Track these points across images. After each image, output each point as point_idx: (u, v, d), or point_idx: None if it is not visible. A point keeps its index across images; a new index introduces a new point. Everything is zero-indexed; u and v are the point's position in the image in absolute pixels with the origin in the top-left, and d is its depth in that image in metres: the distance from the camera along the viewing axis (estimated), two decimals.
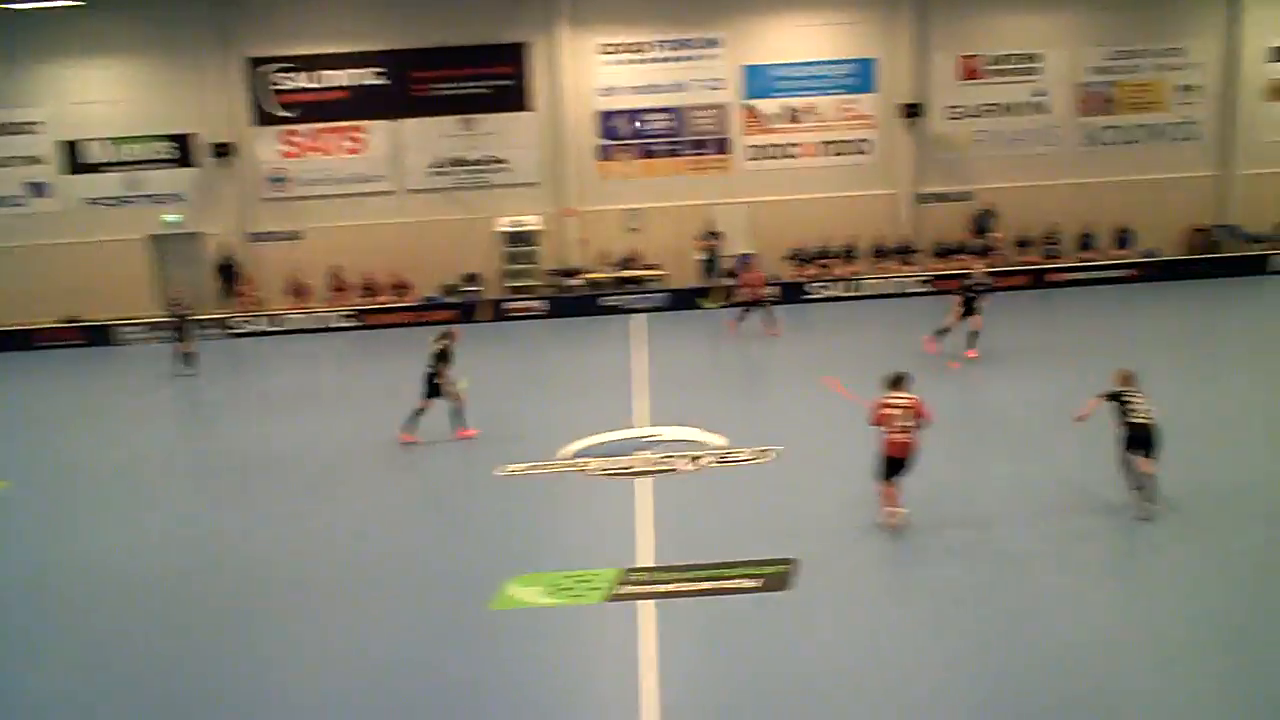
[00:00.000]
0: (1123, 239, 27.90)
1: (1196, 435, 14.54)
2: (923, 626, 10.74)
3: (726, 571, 11.94)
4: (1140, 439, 12.30)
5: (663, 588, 11.65)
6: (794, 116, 27.63)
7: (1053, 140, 27.92)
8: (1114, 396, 12.59)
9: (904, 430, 12.25)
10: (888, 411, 12.35)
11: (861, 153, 27.81)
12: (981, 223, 27.65)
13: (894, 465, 12.41)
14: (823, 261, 27.40)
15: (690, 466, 15.42)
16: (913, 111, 27.06)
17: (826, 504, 13.87)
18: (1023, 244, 27.66)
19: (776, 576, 11.74)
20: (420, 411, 16.85)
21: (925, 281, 26.77)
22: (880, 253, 27.53)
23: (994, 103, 27.75)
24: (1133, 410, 12.40)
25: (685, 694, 9.62)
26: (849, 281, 27.03)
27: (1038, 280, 26.92)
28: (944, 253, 27.48)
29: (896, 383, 12.50)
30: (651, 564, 12.31)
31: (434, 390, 16.73)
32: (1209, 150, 28.21)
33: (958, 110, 27.65)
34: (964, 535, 12.85)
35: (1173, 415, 13.22)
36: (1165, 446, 12.44)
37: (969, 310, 19.87)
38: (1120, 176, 27.94)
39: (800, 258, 27.42)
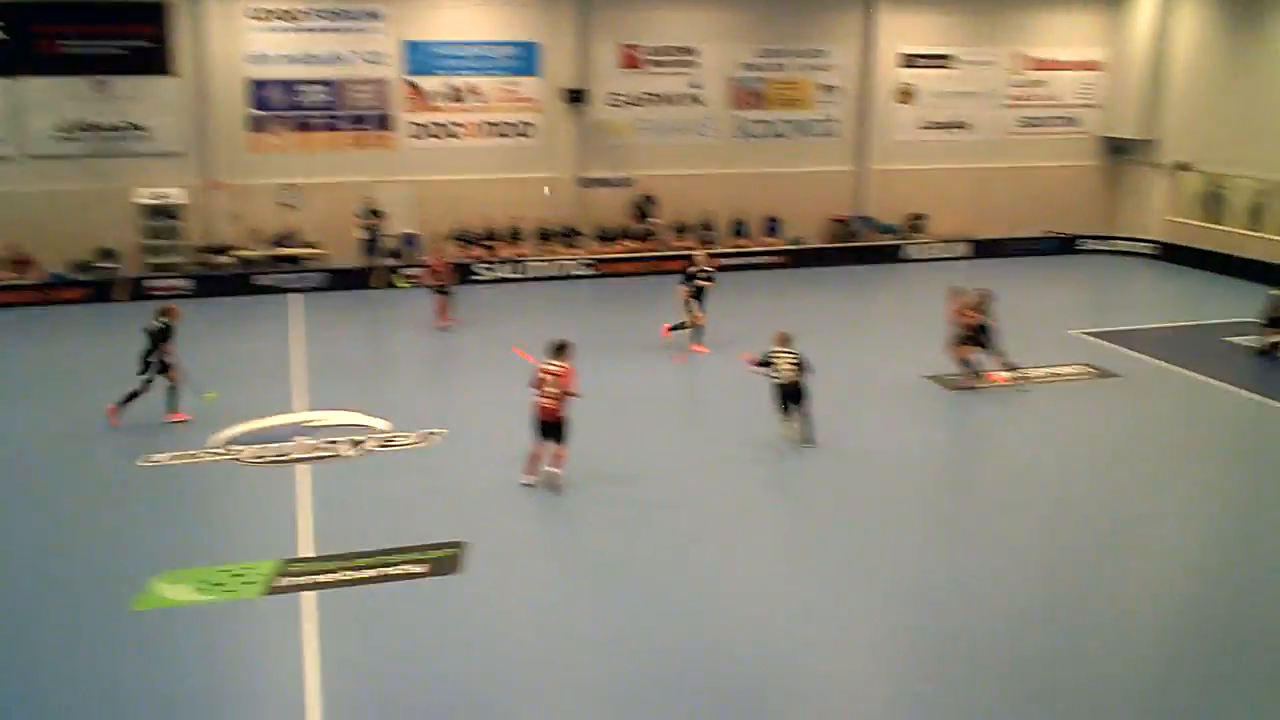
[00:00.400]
0: (771, 227, 29.80)
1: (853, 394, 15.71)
2: (592, 597, 11.22)
3: (393, 558, 11.87)
4: (788, 393, 15.38)
5: (325, 578, 11.41)
6: (457, 96, 27.52)
7: (708, 131, 29.42)
8: (767, 358, 15.56)
9: (550, 396, 13.42)
10: (541, 376, 13.59)
11: (525, 135, 28.10)
12: (642, 208, 28.68)
13: (542, 428, 13.58)
14: (488, 243, 27.47)
15: (352, 452, 15.16)
16: (575, 97, 27.70)
17: (494, 485, 14.09)
18: (680, 229, 28.92)
19: (445, 560, 11.81)
20: (136, 394, 15.91)
21: (588, 264, 27.44)
22: (545, 235, 27.96)
23: (653, 92, 28.84)
24: (778, 369, 15.40)
25: (350, 685, 9.55)
26: (515, 263, 27.25)
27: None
28: (606, 237, 28.28)
29: (557, 350, 13.70)
30: (312, 554, 12.03)
31: (154, 369, 15.96)
32: (847, 147, 30.68)
33: (619, 98, 28.52)
34: (629, 509, 13.40)
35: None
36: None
37: (695, 297, 20.49)
38: (769, 168, 29.97)
39: (465, 239, 27.36)
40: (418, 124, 27.57)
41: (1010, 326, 18.96)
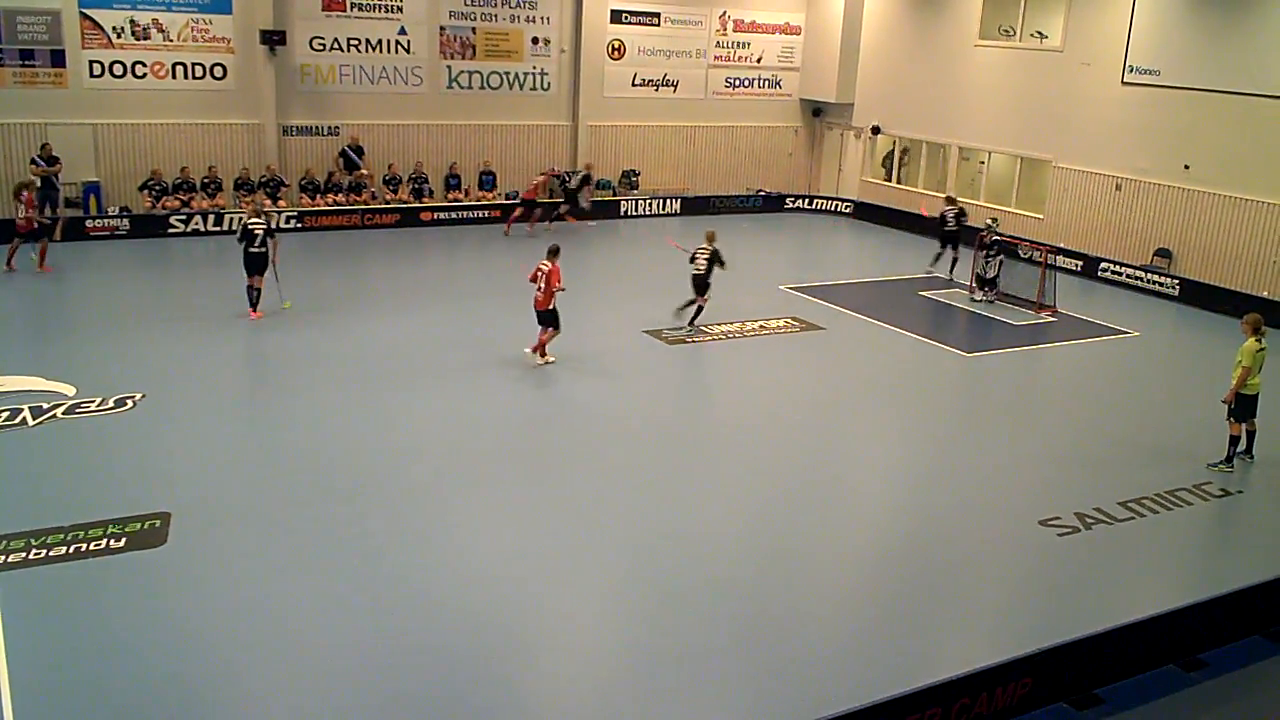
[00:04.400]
0: (486, 180, 29.53)
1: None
2: (309, 566, 10.82)
3: (86, 533, 11.01)
4: (696, 282, 19.29)
5: (7, 558, 10.45)
6: (142, 33, 25.47)
7: (416, 80, 28.73)
8: (693, 252, 19.43)
9: (541, 290, 16.60)
10: (536, 272, 16.80)
11: (218, 79, 26.44)
12: (349, 159, 27.73)
13: (538, 316, 16.80)
14: (183, 194, 25.78)
15: (35, 421, 13.91)
16: (273, 39, 26.27)
17: (199, 450, 13.39)
18: (391, 182, 28.21)
19: (146, 533, 11.07)
20: None
21: (293, 217, 26.29)
22: (245, 185, 26.48)
23: (358, 38, 27.80)
24: (694, 262, 19.33)
25: (40, 671, 8.78)
26: (212, 215, 25.71)
27: (407, 218, 27.65)
28: (312, 189, 27.16)
29: (551, 253, 16.89)
30: None
31: None
32: (560, 101, 30.76)
33: (322, 42, 27.33)
34: (346, 472, 13.04)
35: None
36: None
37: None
38: (483, 121, 29.64)
39: (158, 188, 25.54)
40: (98, 62, 25.39)
41: (723, 281, 19.65)
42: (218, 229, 25.70)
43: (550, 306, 16.78)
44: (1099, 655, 9.30)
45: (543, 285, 16.67)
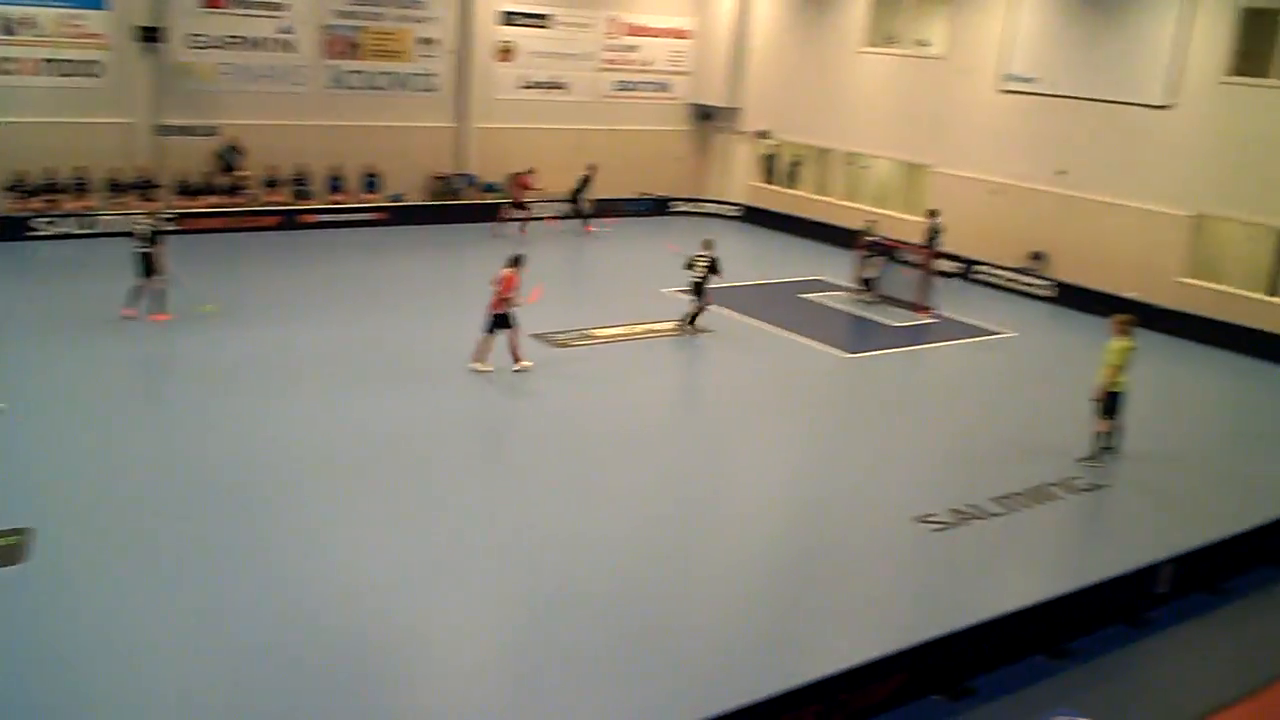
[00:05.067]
0: (370, 182, 29.17)
1: None
2: (179, 581, 10.56)
3: None
4: (693, 287, 20.18)
5: None
6: (9, 28, 24.56)
7: (300, 80, 28.26)
8: (690, 260, 20.34)
9: (496, 295, 16.82)
10: (495, 278, 16.99)
11: (92, 75, 25.64)
12: (228, 159, 27.13)
13: (492, 320, 16.91)
14: (50, 195, 24.92)
15: None
16: (150, 36, 25.57)
17: (64, 461, 12.92)
18: (272, 183, 27.69)
19: (6, 550, 10.66)
20: None
21: (169, 219, 25.57)
22: (116, 187, 25.72)
23: (239, 36, 27.23)
24: (693, 268, 20.23)
25: None
26: (81, 217, 24.90)
27: (288, 221, 27.16)
28: (188, 190, 26.51)
29: (511, 261, 17.18)
30: None
31: None
32: (448, 103, 30.54)
33: (201, 40, 26.69)
34: (218, 487, 12.78)
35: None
36: None
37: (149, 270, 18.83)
38: (367, 121, 29.23)
39: (23, 189, 24.65)
40: None
41: (611, 284, 19.72)
42: (84, 232, 24.89)
43: (503, 311, 16.94)
44: (971, 647, 9.58)
45: (497, 291, 16.96)
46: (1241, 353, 21.51)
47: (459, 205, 30.29)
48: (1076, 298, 24.40)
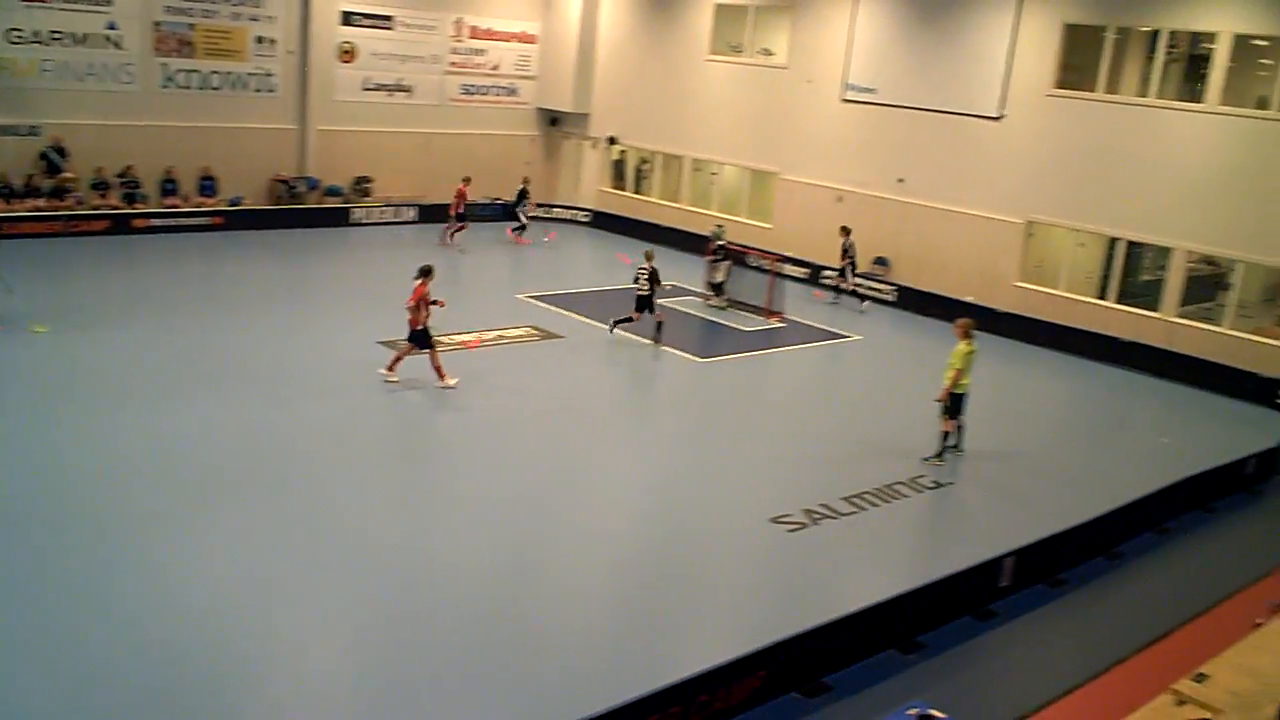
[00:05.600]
0: (207, 186, 28.21)
1: None
2: (12, 602, 10.01)
3: None
4: (640, 301, 20.40)
5: None
6: None
7: (128, 78, 27.07)
8: (636, 273, 20.65)
9: (409, 309, 16.55)
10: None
11: None
12: (51, 161, 25.85)
13: (410, 334, 16.71)
14: None
15: None
16: None
17: None
18: (100, 186, 26.49)
19: None
20: None
21: None
22: None
23: (63, 31, 25.96)
24: (637, 281, 20.48)
25: None
26: None
27: (119, 226, 26.05)
28: (9, 193, 25.15)
29: (420, 273, 16.74)
30: None
31: None
32: (288, 104, 29.76)
33: (20, 35, 25.36)
34: (44, 501, 12.20)
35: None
36: None
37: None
38: (202, 122, 28.24)
39: None
40: None
41: (461, 290, 19.50)
42: None
43: (420, 326, 16.58)
44: (827, 644, 9.79)
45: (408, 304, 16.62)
46: (1075, 354, 22.60)
47: (301, 209, 29.54)
48: (918, 302, 25.26)
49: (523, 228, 30.09)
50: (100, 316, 19.26)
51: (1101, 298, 23.88)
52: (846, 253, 25.27)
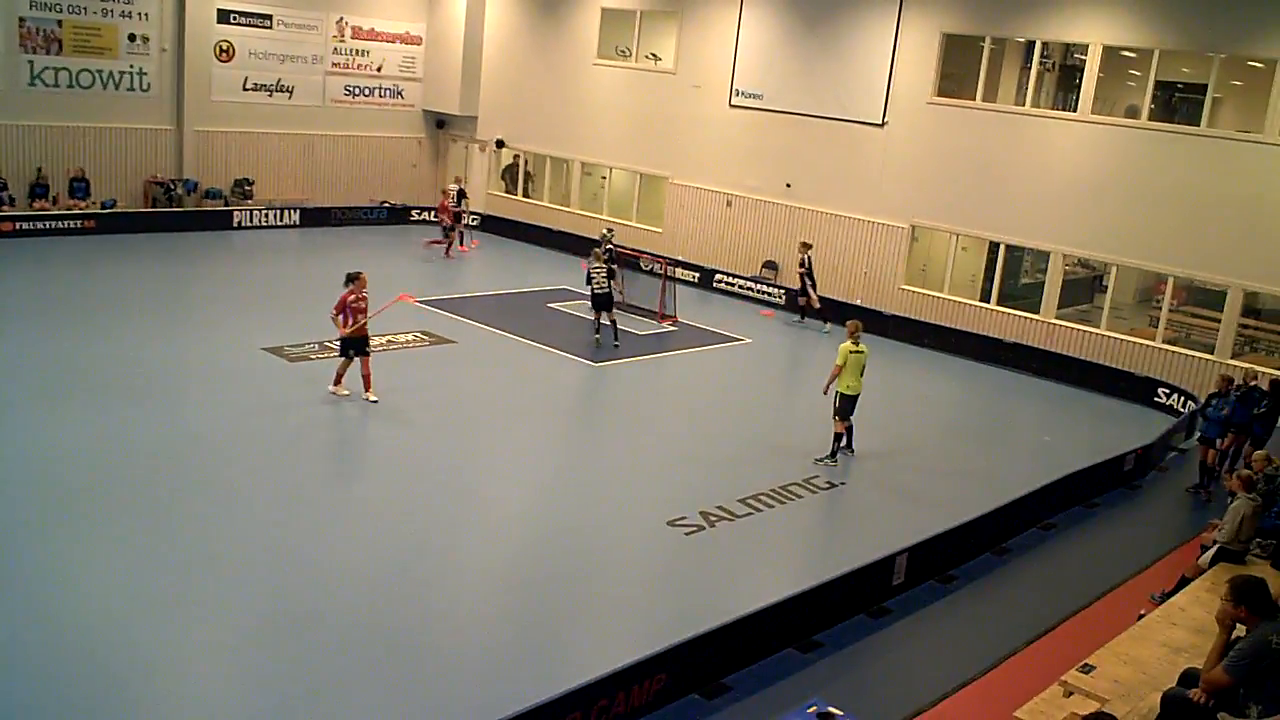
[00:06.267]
0: (78, 188, 27.25)
1: None
2: None
3: None
4: (598, 300, 20.74)
5: None
6: None
7: None
8: (588, 274, 20.72)
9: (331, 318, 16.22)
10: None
11: None
12: None
13: (340, 343, 16.38)
14: None
15: None
16: None
17: None
18: None
19: None
20: None
21: None
22: None
23: None
24: (592, 279, 20.68)
25: None
26: None
27: None
28: None
29: (346, 280, 16.25)
30: None
31: None
32: (163, 104, 28.93)
33: None
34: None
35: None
36: None
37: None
38: (72, 122, 27.23)
39: None
40: None
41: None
42: None
43: (348, 334, 16.12)
44: (726, 645, 9.85)
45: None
46: (960, 355, 23.18)
47: (179, 212, 28.74)
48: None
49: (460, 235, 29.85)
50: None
51: (985, 300, 24.55)
52: (806, 270, 24.47)
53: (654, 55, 30.29)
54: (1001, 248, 24.28)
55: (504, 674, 9.74)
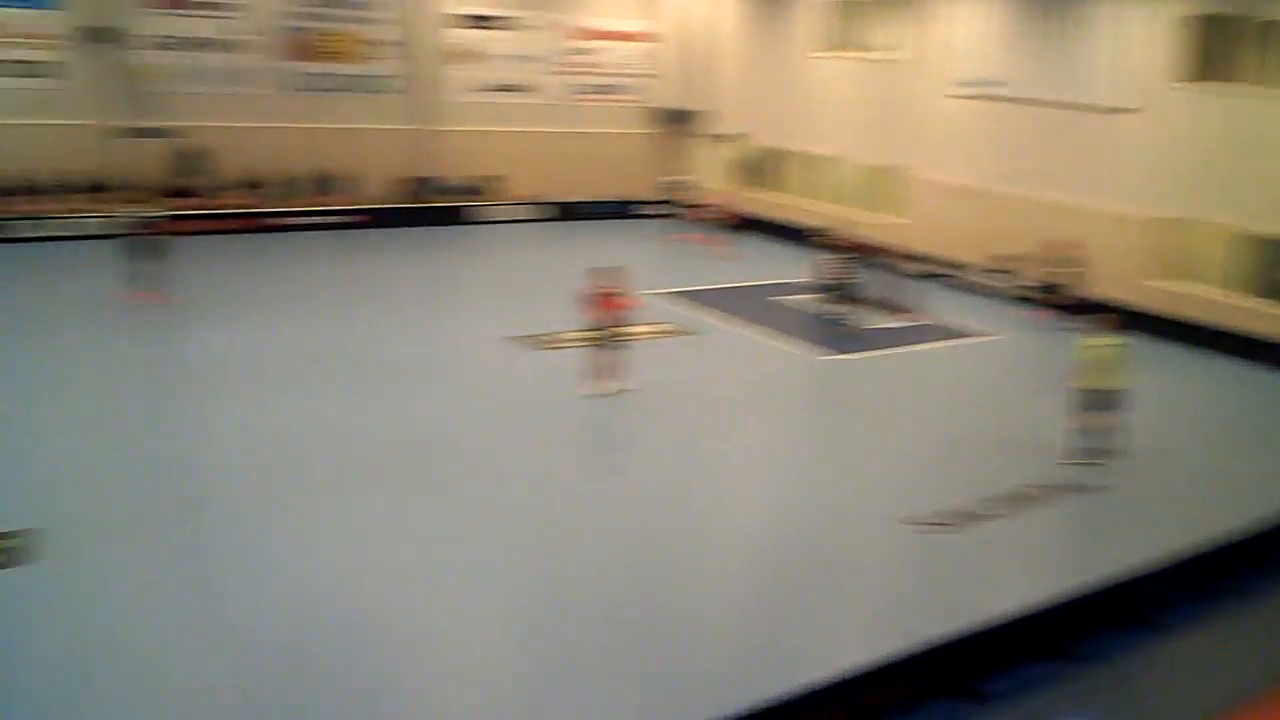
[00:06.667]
0: (331, 185, 28.92)
1: None
2: (186, 585, 10.45)
3: None
4: (835, 292, 21.02)
5: None
6: None
7: (260, 82, 27.88)
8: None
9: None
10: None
11: (45, 76, 25.20)
12: (193, 162, 26.74)
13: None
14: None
15: None
16: (101, 36, 25.14)
17: (68, 463, 12.86)
18: (241, 186, 27.34)
19: (12, 553, 10.59)
20: None
21: (155, 221, 25.15)
22: (74, 189, 25.27)
23: (198, 36, 26.88)
24: (829, 273, 21.07)
25: None
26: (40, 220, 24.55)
27: (255, 224, 26.91)
28: (160, 193, 26.12)
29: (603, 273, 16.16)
30: None
31: None
32: (415, 105, 30.37)
33: (162, 41, 26.31)
34: (220, 482, 12.67)
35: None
36: None
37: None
38: (332, 124, 28.94)
39: None
40: None
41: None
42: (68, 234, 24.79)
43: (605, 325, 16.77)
44: (983, 650, 9.53)
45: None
46: (1226, 354, 21.57)
47: (434, 208, 30.39)
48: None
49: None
50: (255, 307, 20.41)
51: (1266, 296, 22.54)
52: (1065, 266, 23.50)
53: (886, 45, 29.54)
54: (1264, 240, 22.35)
55: (753, 662, 9.73)
